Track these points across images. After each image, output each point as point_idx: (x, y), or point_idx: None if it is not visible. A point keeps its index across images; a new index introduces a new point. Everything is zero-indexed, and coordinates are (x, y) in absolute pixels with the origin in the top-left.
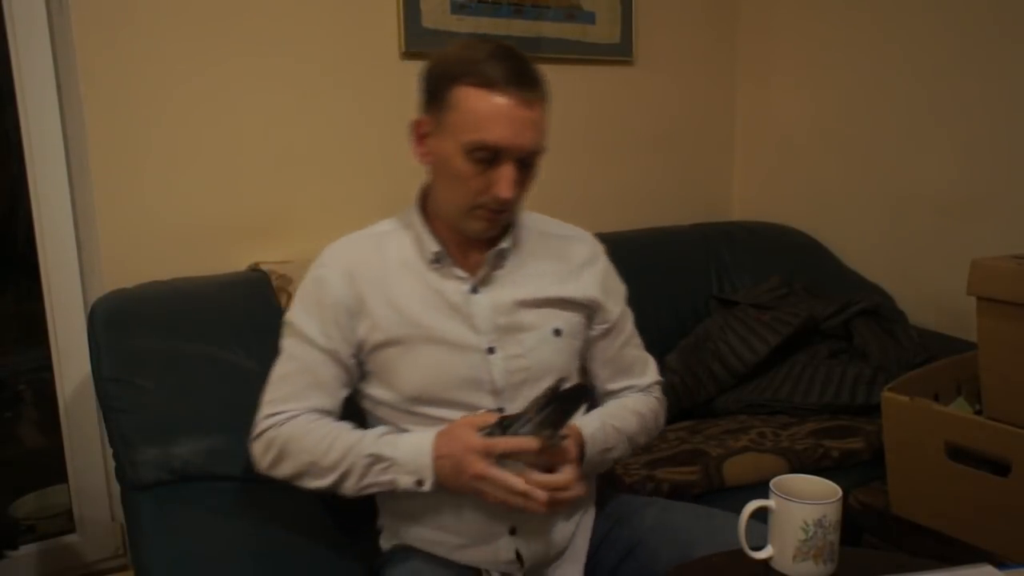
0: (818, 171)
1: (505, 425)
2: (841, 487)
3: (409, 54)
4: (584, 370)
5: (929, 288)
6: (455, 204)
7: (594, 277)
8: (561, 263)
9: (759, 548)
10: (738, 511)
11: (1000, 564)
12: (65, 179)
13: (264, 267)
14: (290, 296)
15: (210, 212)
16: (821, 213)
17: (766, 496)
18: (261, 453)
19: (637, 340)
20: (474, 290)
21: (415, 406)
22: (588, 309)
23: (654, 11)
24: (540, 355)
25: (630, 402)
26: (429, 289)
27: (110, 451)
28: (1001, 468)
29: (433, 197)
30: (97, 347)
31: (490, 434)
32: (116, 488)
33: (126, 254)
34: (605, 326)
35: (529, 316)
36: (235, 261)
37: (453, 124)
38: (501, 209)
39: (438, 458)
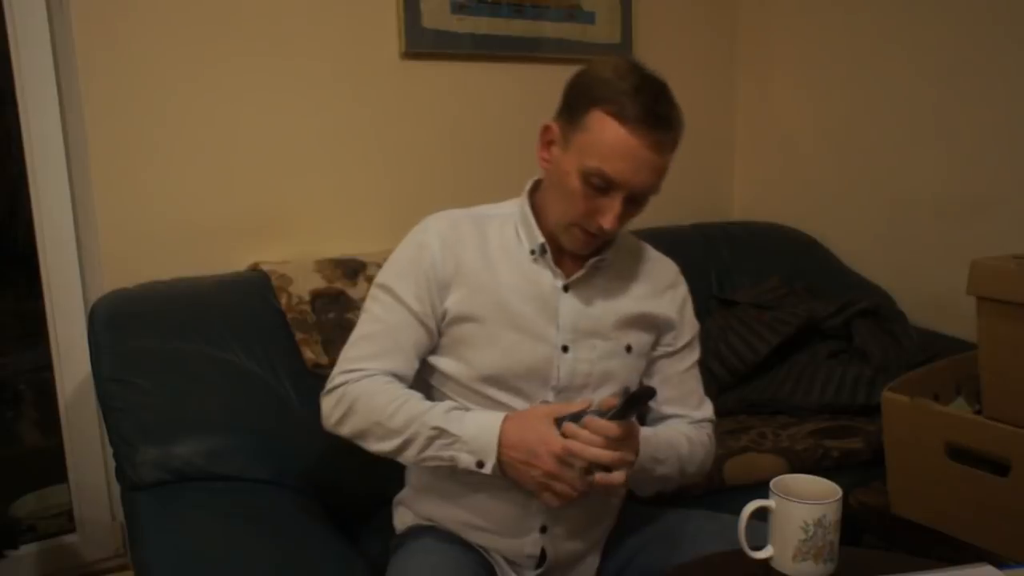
0: (818, 171)
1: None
2: (841, 487)
3: (409, 54)
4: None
5: (929, 288)
6: (559, 216)
7: (674, 300)
8: (647, 284)
9: (759, 548)
10: (738, 511)
11: (1000, 564)
12: (65, 178)
13: (264, 267)
14: (290, 296)
15: (210, 212)
16: (821, 213)
17: (766, 496)
18: (331, 408)
19: (698, 376)
20: (565, 289)
21: (483, 386)
22: (658, 329)
23: (654, 11)
24: (607, 365)
25: (680, 426)
26: (523, 278)
27: (110, 451)
28: (1001, 468)
29: (542, 198)
30: (97, 347)
31: (561, 422)
32: (116, 488)
33: (126, 254)
34: (670, 348)
35: (608, 327)
36: (235, 261)
37: (580, 144)
38: (598, 235)
39: (507, 446)
